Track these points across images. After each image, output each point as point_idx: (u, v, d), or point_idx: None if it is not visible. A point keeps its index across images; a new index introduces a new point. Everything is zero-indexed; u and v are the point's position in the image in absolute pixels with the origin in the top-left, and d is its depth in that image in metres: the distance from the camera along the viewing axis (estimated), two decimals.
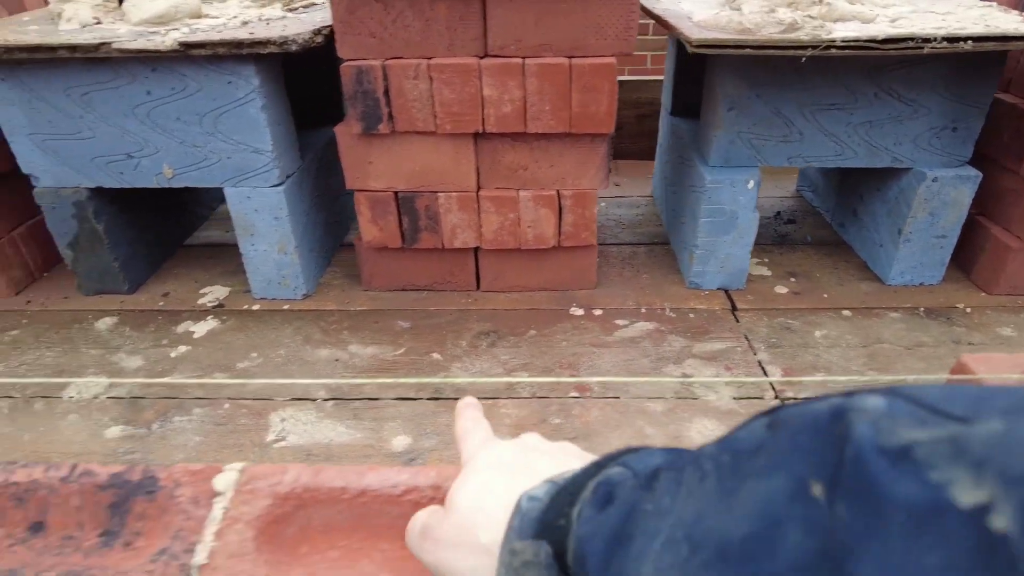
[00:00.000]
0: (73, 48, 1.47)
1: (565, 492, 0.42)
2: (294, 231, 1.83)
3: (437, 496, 0.82)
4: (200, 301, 1.98)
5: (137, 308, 1.98)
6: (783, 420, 0.28)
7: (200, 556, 0.75)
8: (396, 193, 1.76)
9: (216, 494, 0.83)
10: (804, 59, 1.43)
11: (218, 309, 1.94)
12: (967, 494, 0.20)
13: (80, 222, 1.88)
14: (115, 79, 1.61)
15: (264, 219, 1.79)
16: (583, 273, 1.93)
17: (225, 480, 0.84)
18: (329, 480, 0.83)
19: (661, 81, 2.44)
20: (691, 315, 1.85)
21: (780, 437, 0.27)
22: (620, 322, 1.82)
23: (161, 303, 1.99)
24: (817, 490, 0.24)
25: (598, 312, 1.90)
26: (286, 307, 1.94)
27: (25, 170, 1.77)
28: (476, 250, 1.90)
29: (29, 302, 2.03)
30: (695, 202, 1.87)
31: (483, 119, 1.59)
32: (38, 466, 0.87)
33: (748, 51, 1.42)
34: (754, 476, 0.27)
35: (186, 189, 2.26)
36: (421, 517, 0.58)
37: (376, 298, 2.00)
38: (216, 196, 2.52)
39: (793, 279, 2.03)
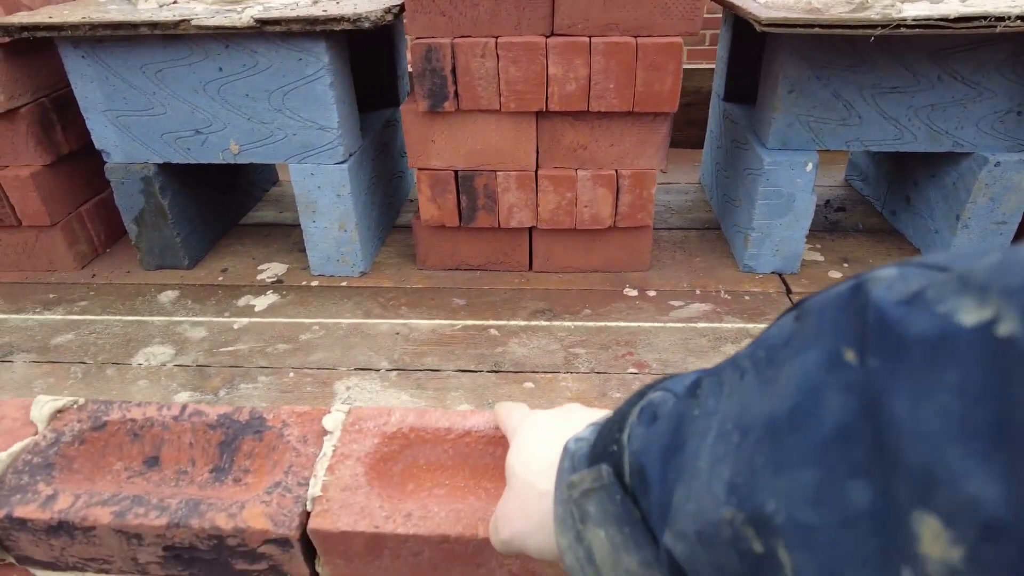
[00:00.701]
0: (154, 25, 1.52)
1: (611, 423, 0.44)
2: (354, 209, 1.86)
3: None
4: (259, 277, 2.03)
5: (197, 283, 2.02)
6: (808, 308, 0.30)
7: (315, 488, 0.78)
8: (456, 172, 1.78)
9: (325, 433, 0.86)
10: (873, 39, 1.44)
11: (277, 284, 1.98)
12: (971, 315, 0.22)
13: (146, 197, 1.93)
14: (189, 56, 1.65)
15: (326, 196, 1.83)
16: (637, 254, 1.95)
17: (333, 420, 0.86)
18: (434, 421, 0.86)
19: (705, 69, 2.45)
20: (746, 297, 1.85)
21: (808, 321, 0.29)
22: (675, 303, 1.83)
23: (220, 278, 2.03)
24: (850, 355, 0.25)
25: (652, 293, 1.91)
26: (344, 283, 1.98)
27: (98, 146, 1.83)
28: (531, 230, 1.92)
29: (94, 275, 2.09)
30: (751, 185, 1.87)
31: (547, 97, 1.61)
32: (151, 405, 0.91)
33: (817, 30, 1.43)
34: (790, 359, 0.29)
35: (242, 170, 2.31)
36: (493, 514, 0.59)
37: (431, 276, 2.02)
38: (269, 178, 2.56)
39: (846, 264, 2.02)
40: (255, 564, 0.79)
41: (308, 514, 0.76)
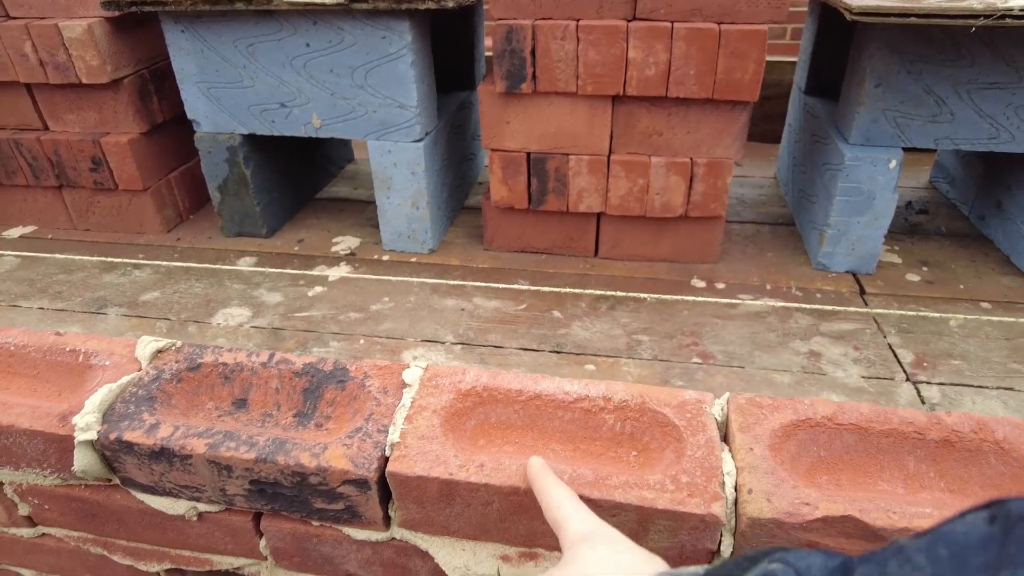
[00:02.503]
0: (249, 0, 1.59)
1: None
2: (427, 187, 1.91)
3: (607, 406, 0.85)
4: (333, 249, 2.10)
5: (274, 251, 2.11)
6: (1011, 515, 0.27)
7: (393, 435, 0.81)
8: (528, 154, 1.80)
9: (405, 385, 0.89)
10: (973, 30, 1.37)
11: (350, 257, 2.04)
12: None
13: (231, 166, 2.02)
14: (279, 31, 1.72)
15: (402, 173, 1.88)
16: (707, 246, 1.92)
17: (412, 374, 0.90)
18: (506, 382, 0.88)
19: (785, 63, 2.39)
20: (818, 295, 1.81)
21: (1017, 534, 0.26)
22: (744, 296, 1.80)
23: (296, 248, 2.11)
24: None
25: (721, 285, 1.88)
26: (413, 259, 2.03)
27: (190, 116, 1.92)
28: (599, 216, 1.92)
29: (179, 239, 2.21)
30: (830, 180, 1.82)
31: (625, 81, 1.61)
32: (241, 351, 0.96)
33: (913, 20, 1.37)
34: (986, 570, 0.26)
35: (320, 147, 2.39)
36: None
37: (497, 257, 2.05)
38: (345, 156, 2.65)
39: (926, 268, 1.95)
40: (333, 504, 0.83)
41: (386, 459, 0.80)
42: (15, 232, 2.34)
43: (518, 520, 0.79)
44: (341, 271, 1.95)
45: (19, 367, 1.00)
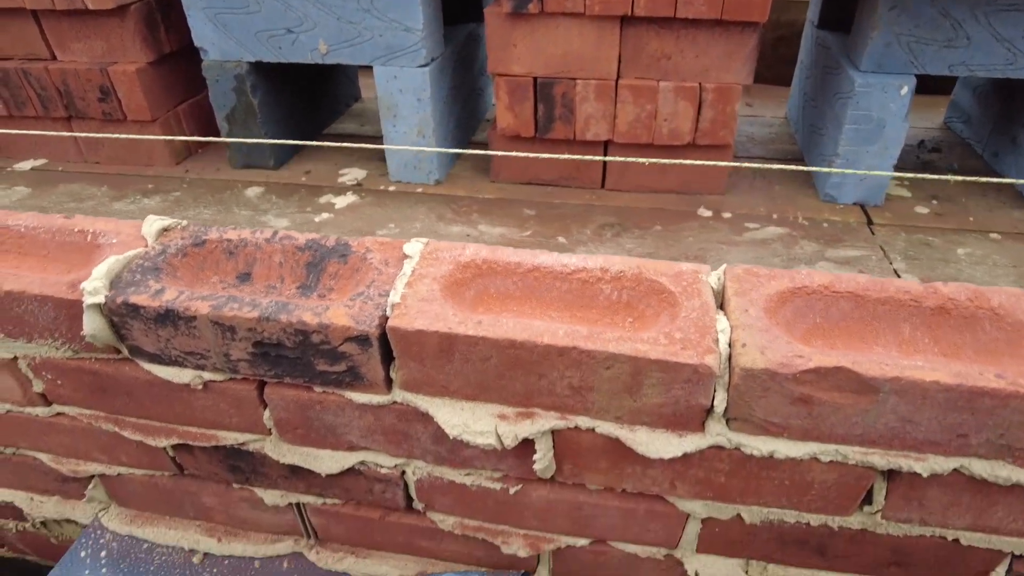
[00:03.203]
0: None
1: None
2: (433, 115, 1.90)
3: (604, 277, 0.85)
4: (340, 180, 2.11)
5: (281, 181, 2.12)
6: None
7: (394, 297, 0.82)
8: (535, 79, 1.79)
9: (406, 257, 0.90)
10: None
11: (357, 187, 2.05)
12: None
13: (238, 95, 2.02)
14: None
15: (408, 100, 1.87)
16: (714, 176, 1.91)
17: (413, 248, 0.91)
18: (505, 256, 0.89)
19: (799, 2, 2.35)
20: (824, 224, 1.80)
21: None
22: (750, 225, 1.80)
23: (303, 178, 2.12)
24: None
25: (727, 215, 1.88)
26: (419, 190, 2.03)
27: (197, 43, 1.92)
28: (606, 145, 1.91)
29: (188, 171, 2.22)
30: (840, 110, 1.80)
31: (633, 0, 1.59)
32: (246, 229, 0.98)
33: None
34: None
35: (326, 82, 2.37)
36: None
37: (503, 189, 2.05)
38: (351, 94, 2.64)
39: (935, 201, 1.93)
40: (335, 365, 0.85)
41: (387, 318, 0.81)
42: (26, 164, 2.37)
43: (515, 376, 0.80)
44: (347, 199, 1.96)
45: (30, 248, 1.02)
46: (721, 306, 0.83)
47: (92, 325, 0.88)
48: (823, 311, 0.82)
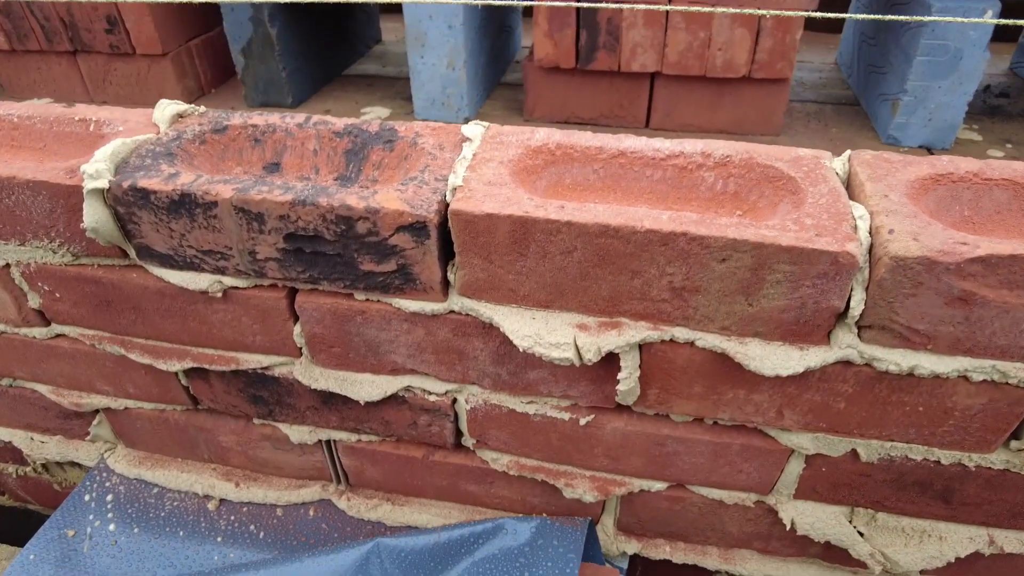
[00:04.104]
0: None
1: None
2: (465, 44, 1.75)
3: (706, 163, 0.71)
4: (362, 118, 1.95)
5: None
6: None
7: (455, 180, 0.68)
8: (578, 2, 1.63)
9: (465, 140, 0.76)
10: None
11: None
12: None
13: (255, 25, 1.87)
14: None
15: (438, 27, 1.72)
16: (770, 114, 1.76)
17: (473, 130, 0.77)
18: (584, 140, 0.75)
19: None
20: None
21: None
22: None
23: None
24: None
25: None
26: None
27: None
28: (653, 78, 1.76)
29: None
30: (909, 42, 1.64)
31: None
32: (274, 114, 0.84)
33: None
34: None
35: (347, 21, 2.22)
36: None
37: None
38: (372, 35, 2.49)
39: (1010, 145, 1.77)
40: (383, 263, 0.71)
41: (447, 203, 0.67)
42: (30, 103, 2.22)
43: (602, 276, 0.66)
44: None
45: (23, 140, 0.89)
46: (850, 194, 0.69)
47: (94, 216, 0.74)
48: (972, 202, 0.68)
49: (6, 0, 2.01)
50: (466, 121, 1.85)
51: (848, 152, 0.72)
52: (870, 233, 0.62)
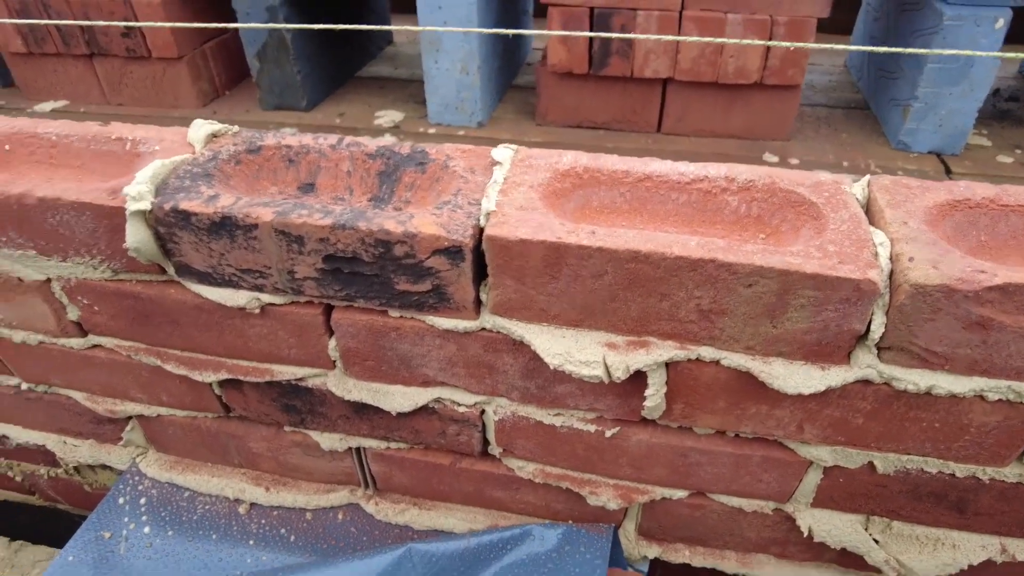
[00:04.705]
0: None
1: None
2: (479, 49, 1.77)
3: (730, 187, 0.74)
4: (376, 122, 1.98)
5: (315, 123, 1.99)
6: None
7: (488, 205, 0.71)
8: (591, 9, 1.65)
9: (495, 163, 0.79)
10: None
11: (394, 129, 1.93)
12: None
13: (270, 30, 1.89)
14: None
15: (453, 32, 1.73)
16: (780, 119, 1.78)
17: (503, 154, 0.79)
18: (610, 163, 0.77)
19: None
20: (899, 173, 1.67)
21: None
22: (820, 172, 1.66)
23: (338, 120, 1.99)
24: None
25: (795, 161, 1.75)
26: (461, 133, 1.91)
27: None
28: (665, 84, 1.78)
29: (215, 112, 2.10)
30: (921, 48, 1.65)
31: None
32: (307, 135, 0.86)
33: None
34: None
35: (360, 22, 2.23)
36: None
37: (550, 132, 1.92)
38: (384, 36, 2.50)
39: (1019, 150, 1.79)
40: (418, 283, 0.74)
41: (481, 229, 0.70)
42: (47, 106, 2.25)
43: (631, 297, 0.69)
44: (385, 143, 1.82)
45: (62, 158, 0.91)
46: (870, 219, 0.71)
47: (136, 236, 0.77)
48: (988, 228, 0.70)
49: (23, 2, 2.03)
50: (479, 125, 1.88)
51: (867, 177, 0.74)
52: (890, 260, 0.64)
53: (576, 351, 0.73)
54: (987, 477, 0.77)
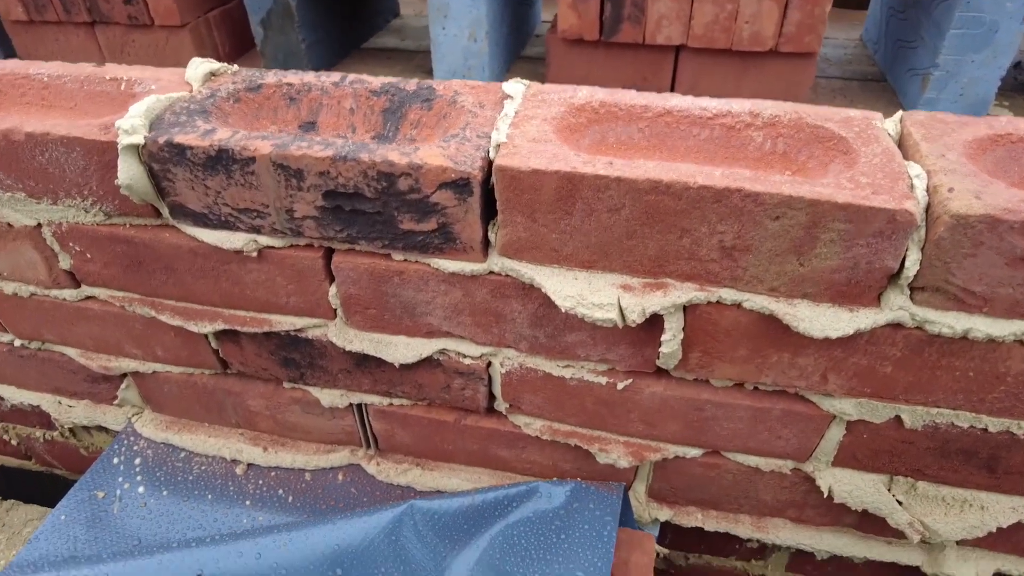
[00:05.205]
0: None
1: None
2: (487, 14, 1.72)
3: (754, 123, 0.69)
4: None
5: None
6: None
7: (499, 137, 0.67)
8: None
9: (506, 97, 0.75)
10: None
11: None
12: None
13: None
14: None
15: None
16: (795, 87, 1.72)
17: (514, 88, 0.75)
18: (628, 98, 0.73)
19: None
20: None
21: None
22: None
23: None
24: None
25: None
26: None
27: None
28: (678, 51, 1.73)
29: None
30: (943, 15, 1.60)
31: None
32: (309, 72, 0.82)
33: None
34: None
35: None
36: None
37: None
38: (391, 8, 2.46)
39: None
40: (423, 222, 0.70)
41: (491, 160, 0.66)
42: None
43: (649, 235, 0.65)
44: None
45: (54, 99, 0.88)
46: (904, 154, 0.67)
47: (128, 172, 0.73)
48: None
49: None
50: None
51: (900, 112, 0.70)
52: (927, 192, 0.60)
53: (589, 293, 0.69)
54: (1022, 432, 0.73)
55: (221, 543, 0.83)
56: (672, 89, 1.84)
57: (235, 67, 0.85)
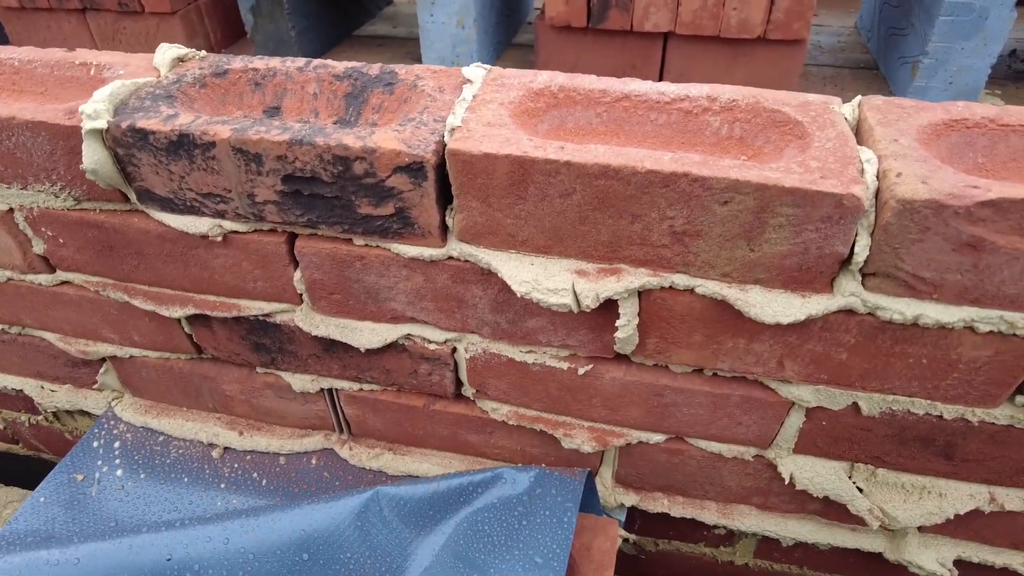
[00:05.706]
0: None
1: None
2: (476, 2, 1.72)
3: (711, 107, 0.69)
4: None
5: None
6: None
7: (454, 121, 0.67)
8: None
9: (466, 82, 0.75)
10: None
11: None
12: None
13: None
14: None
15: None
16: (785, 76, 1.71)
17: (474, 72, 0.75)
18: (587, 83, 0.73)
19: None
20: None
21: None
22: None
23: None
24: None
25: None
26: None
27: None
28: (666, 39, 1.73)
29: None
30: (933, 1, 1.59)
31: None
32: (275, 58, 0.83)
33: None
34: None
35: None
36: None
37: None
38: None
39: None
40: (380, 206, 0.70)
41: (444, 144, 0.67)
42: None
43: (601, 220, 0.65)
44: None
45: (25, 84, 0.88)
46: (859, 139, 0.67)
47: (93, 157, 0.74)
48: (987, 149, 0.66)
49: None
50: None
51: (859, 97, 0.70)
52: (877, 177, 0.60)
53: (545, 279, 0.69)
54: (976, 419, 0.73)
55: (190, 527, 0.85)
56: (661, 76, 1.84)
57: (203, 52, 0.86)
